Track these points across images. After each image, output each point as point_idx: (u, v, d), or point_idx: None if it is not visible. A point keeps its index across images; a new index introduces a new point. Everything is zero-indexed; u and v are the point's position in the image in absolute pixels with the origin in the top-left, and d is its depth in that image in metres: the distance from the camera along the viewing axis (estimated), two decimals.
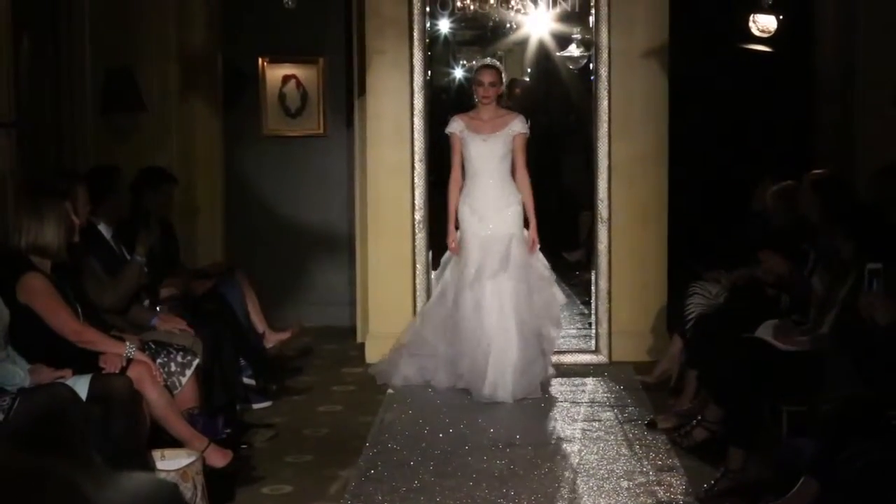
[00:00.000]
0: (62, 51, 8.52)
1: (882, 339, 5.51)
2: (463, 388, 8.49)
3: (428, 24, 9.53)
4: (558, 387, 8.61)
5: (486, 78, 8.65)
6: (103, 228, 7.42)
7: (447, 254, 8.92)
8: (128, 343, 6.30)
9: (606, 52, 9.31)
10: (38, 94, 8.12)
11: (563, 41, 10.88)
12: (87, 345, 6.14)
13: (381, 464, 6.88)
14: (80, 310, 6.31)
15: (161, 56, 9.65)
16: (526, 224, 8.69)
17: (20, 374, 5.72)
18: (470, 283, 8.48)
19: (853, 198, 6.98)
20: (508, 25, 10.79)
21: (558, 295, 8.82)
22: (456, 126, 8.73)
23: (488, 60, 9.02)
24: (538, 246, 8.70)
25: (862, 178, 7.41)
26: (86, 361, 6.03)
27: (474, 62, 9.00)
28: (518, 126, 8.66)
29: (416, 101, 9.36)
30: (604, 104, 9.34)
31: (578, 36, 10.66)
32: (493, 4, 10.07)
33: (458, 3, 9.90)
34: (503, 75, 8.86)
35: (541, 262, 8.76)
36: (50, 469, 1.06)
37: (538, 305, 8.60)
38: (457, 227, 8.79)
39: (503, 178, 8.69)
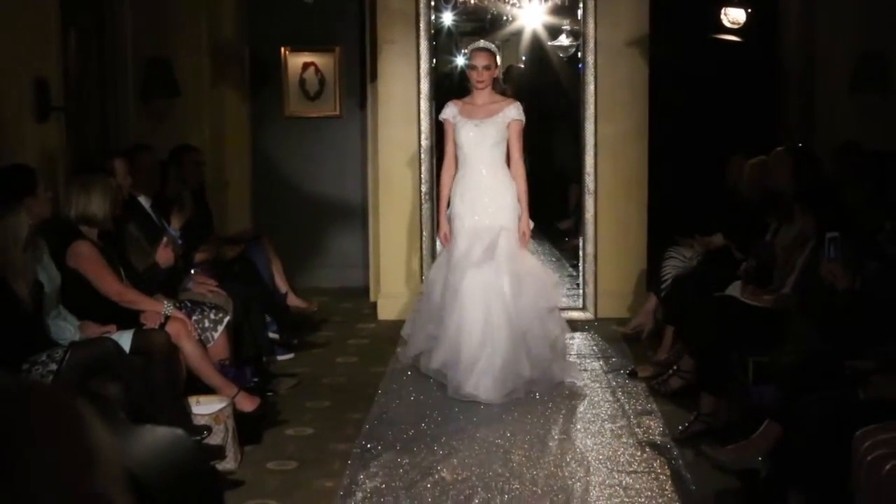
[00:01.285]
0: (106, 43, 8.50)
1: (839, 300, 5.53)
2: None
3: (433, 17, 9.52)
4: None
5: (480, 61, 7.48)
6: (143, 200, 7.43)
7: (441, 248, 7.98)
8: (166, 302, 6.33)
9: (593, 41, 9.28)
10: (85, 81, 8.12)
11: (554, 32, 10.87)
12: (128, 304, 6.17)
13: (391, 409, 6.91)
14: (122, 273, 6.34)
15: (194, 47, 9.63)
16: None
17: (71, 329, 5.76)
18: (456, 273, 7.32)
19: (819, 171, 6.99)
20: (505, 18, 10.77)
21: (553, 293, 7.67)
22: (449, 112, 7.63)
23: (481, 43, 7.65)
24: (528, 239, 7.65)
25: (821, 157, 7.40)
26: (128, 318, 6.07)
27: (468, 48, 7.91)
28: (513, 112, 7.49)
29: (422, 86, 9.35)
30: (591, 88, 9.33)
31: (568, 27, 10.65)
32: None
33: None
34: (498, 58, 7.64)
35: (532, 259, 7.78)
36: (35, 385, 1.03)
37: (528, 302, 7.34)
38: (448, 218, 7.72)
39: (496, 167, 7.51)
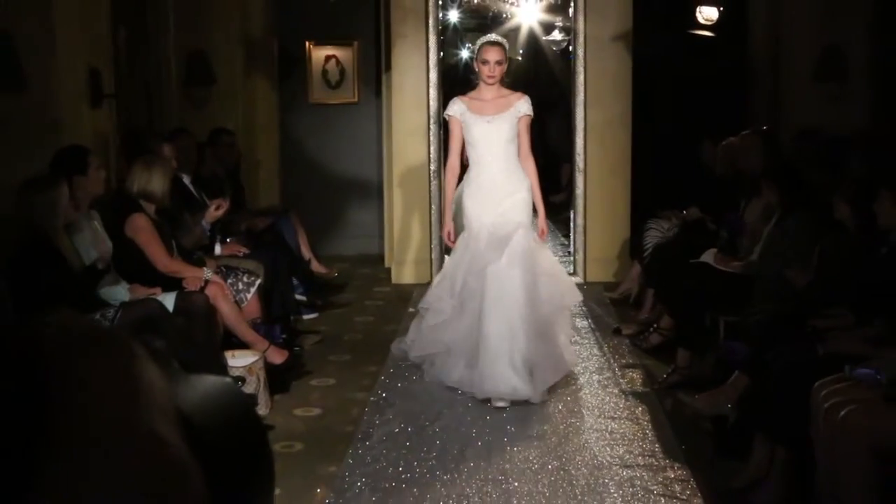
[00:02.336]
0: (151, 38, 8.52)
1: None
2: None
3: (441, 14, 9.51)
4: None
5: (493, 56, 6.42)
6: (184, 178, 7.46)
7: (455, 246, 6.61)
8: (206, 268, 6.37)
9: (583, 36, 9.26)
10: (133, 72, 8.13)
11: (548, 28, 10.89)
12: (173, 274, 6.19)
13: (404, 362, 6.93)
14: (174, 246, 6.38)
15: (229, 41, 9.61)
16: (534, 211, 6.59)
17: (122, 291, 5.80)
18: (475, 273, 6.21)
19: (783, 152, 7.00)
20: (504, 15, 10.79)
21: (570, 295, 6.62)
22: (456, 108, 6.49)
23: (493, 37, 6.63)
24: (547, 235, 6.73)
25: (786, 140, 7.41)
26: (172, 282, 6.11)
27: (477, 42, 6.81)
28: (524, 107, 6.44)
29: (431, 76, 9.33)
30: (580, 79, 9.31)
31: (560, 23, 10.65)
32: None
33: None
34: (507, 52, 6.63)
35: (549, 256, 6.66)
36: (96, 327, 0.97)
37: (545, 299, 6.24)
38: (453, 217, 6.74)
39: (510, 162, 6.42)
